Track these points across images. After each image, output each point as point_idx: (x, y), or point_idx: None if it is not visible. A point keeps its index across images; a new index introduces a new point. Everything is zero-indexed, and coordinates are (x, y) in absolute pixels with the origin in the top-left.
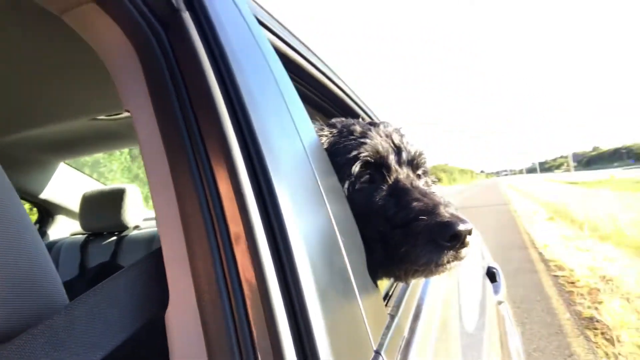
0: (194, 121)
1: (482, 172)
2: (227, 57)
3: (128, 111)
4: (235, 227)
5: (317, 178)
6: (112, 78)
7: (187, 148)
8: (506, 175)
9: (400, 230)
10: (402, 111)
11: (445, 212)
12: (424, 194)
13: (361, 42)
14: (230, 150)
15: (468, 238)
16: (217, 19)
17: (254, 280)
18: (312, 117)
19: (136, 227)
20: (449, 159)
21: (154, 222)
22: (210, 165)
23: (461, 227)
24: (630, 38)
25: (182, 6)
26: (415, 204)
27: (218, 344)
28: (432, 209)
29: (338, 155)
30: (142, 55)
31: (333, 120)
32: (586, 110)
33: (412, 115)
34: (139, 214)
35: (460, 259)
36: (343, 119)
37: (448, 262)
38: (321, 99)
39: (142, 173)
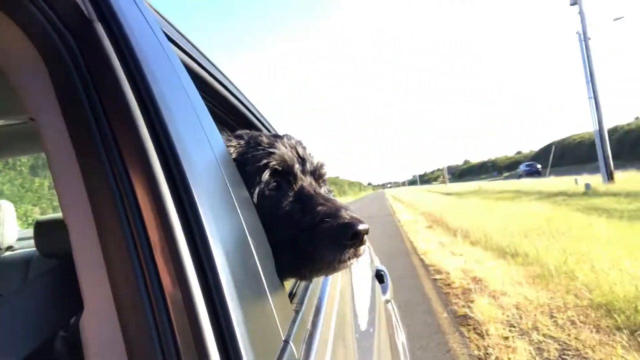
0: (109, 129)
1: (369, 184)
2: (141, 68)
3: (33, 119)
4: (154, 233)
5: (229, 186)
6: (16, 86)
7: (103, 157)
8: (390, 187)
9: (307, 232)
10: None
11: (347, 215)
12: (327, 200)
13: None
14: (148, 158)
15: (365, 237)
16: (129, 31)
17: (175, 283)
18: (220, 130)
19: (9, 248)
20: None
21: (30, 242)
22: (128, 174)
23: (360, 227)
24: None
25: (94, 17)
26: (319, 208)
27: (138, 344)
28: (335, 212)
29: (247, 164)
30: (50, 64)
31: (239, 132)
32: (457, 127)
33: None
34: (13, 233)
35: (359, 255)
36: (248, 131)
37: (349, 258)
38: (225, 112)
39: (7, 189)
